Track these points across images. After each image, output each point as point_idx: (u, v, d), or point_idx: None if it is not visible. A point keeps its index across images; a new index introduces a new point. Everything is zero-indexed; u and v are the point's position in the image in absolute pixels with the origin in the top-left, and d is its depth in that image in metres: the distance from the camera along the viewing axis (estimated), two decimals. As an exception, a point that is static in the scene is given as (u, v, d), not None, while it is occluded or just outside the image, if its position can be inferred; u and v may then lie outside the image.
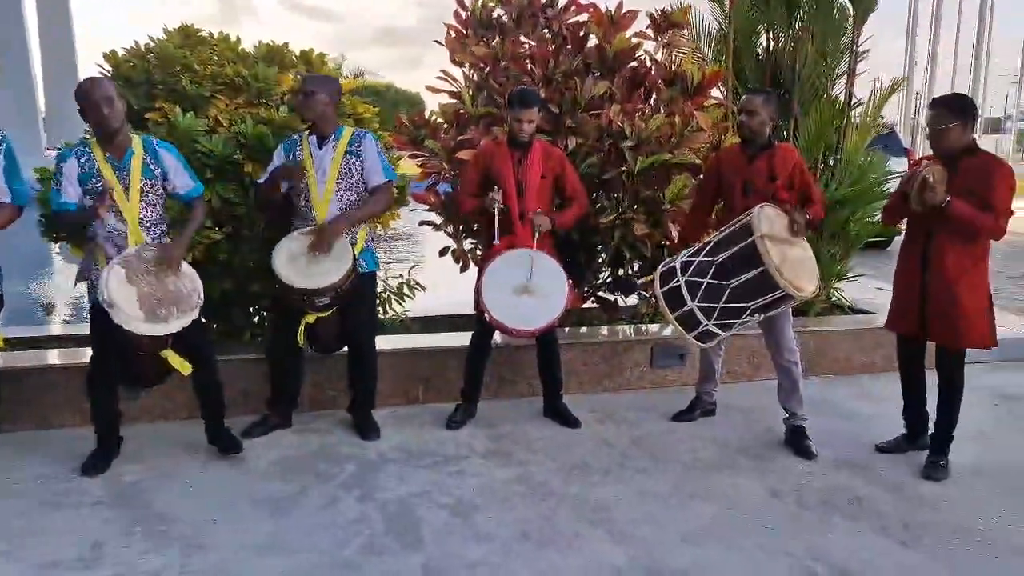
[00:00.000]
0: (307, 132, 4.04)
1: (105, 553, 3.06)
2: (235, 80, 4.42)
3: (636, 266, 5.46)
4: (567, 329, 5.17)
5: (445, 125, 5.29)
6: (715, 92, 5.65)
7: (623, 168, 4.71)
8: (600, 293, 5.60)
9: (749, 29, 5.79)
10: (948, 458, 3.81)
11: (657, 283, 3.94)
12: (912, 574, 2.99)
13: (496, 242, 4.11)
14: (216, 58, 4.59)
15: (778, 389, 4.20)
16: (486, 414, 4.50)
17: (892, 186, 6.00)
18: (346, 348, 4.23)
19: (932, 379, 3.94)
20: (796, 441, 4.07)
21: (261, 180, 4.03)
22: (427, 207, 5.26)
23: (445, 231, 5.39)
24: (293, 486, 3.61)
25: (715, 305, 3.78)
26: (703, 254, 3.86)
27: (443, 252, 5.38)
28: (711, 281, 3.78)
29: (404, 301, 5.65)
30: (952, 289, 3.62)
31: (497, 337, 4.61)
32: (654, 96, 5.14)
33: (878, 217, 6.16)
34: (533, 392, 4.79)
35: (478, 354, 4.42)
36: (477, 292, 4.11)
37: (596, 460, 3.95)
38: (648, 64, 5.08)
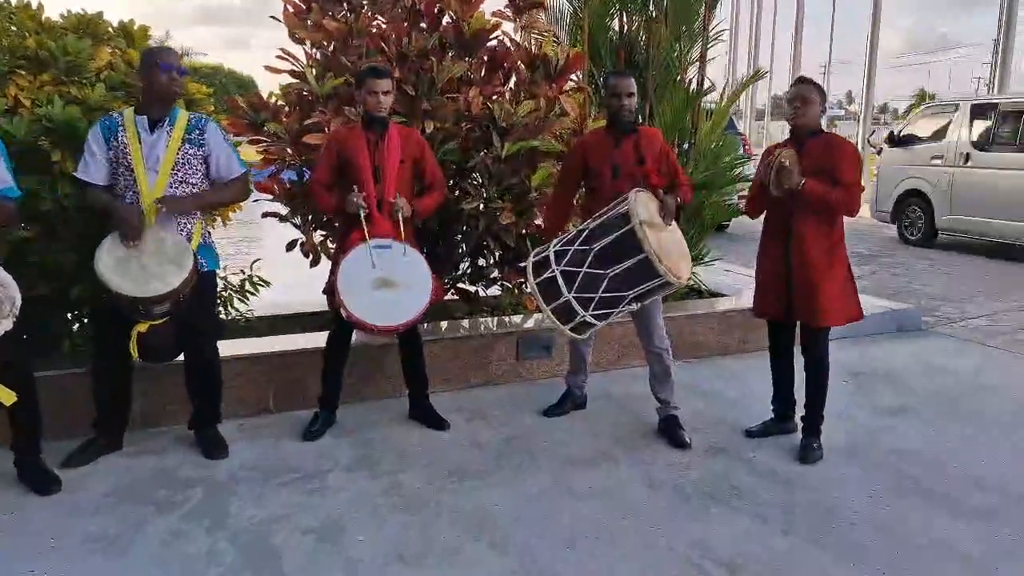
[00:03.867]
0: (131, 111, 3.54)
1: None
2: (39, 54, 3.82)
3: (496, 256, 5.26)
4: (427, 324, 4.90)
5: (287, 108, 4.88)
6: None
7: (488, 154, 4.49)
8: (460, 284, 5.38)
9: (603, 12, 5.70)
10: (820, 440, 3.86)
11: (530, 274, 3.75)
12: (794, 560, 2.96)
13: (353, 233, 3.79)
14: (15, 29, 3.96)
15: (650, 378, 4.13)
16: (347, 420, 4.17)
17: (743, 170, 6.17)
18: (182, 356, 3.77)
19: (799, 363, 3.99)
20: (670, 430, 4.01)
21: (83, 177, 3.50)
22: (271, 197, 4.84)
23: (292, 222, 4.99)
24: (129, 520, 3.14)
25: (593, 295, 3.64)
26: (578, 243, 3.70)
27: (291, 246, 4.97)
28: (588, 270, 3.62)
29: (247, 299, 5.19)
30: (814, 270, 3.68)
31: (355, 335, 4.28)
32: (513, 79, 4.96)
33: (732, 201, 6.32)
34: (396, 392, 4.50)
35: (336, 355, 4.08)
36: (333, 287, 3.76)
37: (470, 463, 3.73)
38: (507, 45, 4.87)
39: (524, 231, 4.88)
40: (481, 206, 4.55)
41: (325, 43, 4.94)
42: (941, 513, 3.31)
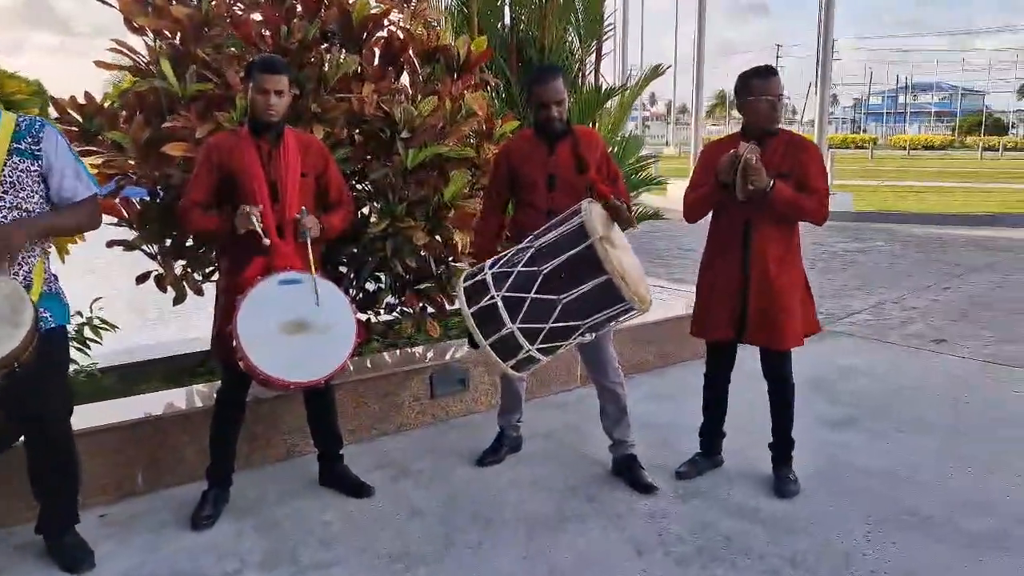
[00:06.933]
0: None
1: None
2: None
3: (389, 279, 4.56)
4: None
5: (125, 112, 3.99)
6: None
7: (390, 163, 3.81)
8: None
9: (492, 2, 5.16)
10: (793, 468, 3.51)
11: (463, 301, 3.13)
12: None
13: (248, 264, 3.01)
14: None
15: (601, 415, 3.63)
16: (242, 494, 3.36)
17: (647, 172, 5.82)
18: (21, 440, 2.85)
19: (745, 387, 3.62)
20: (631, 472, 3.52)
21: None
22: (115, 220, 3.93)
23: (144, 251, 4.07)
24: None
25: (542, 326, 3.05)
26: (521, 264, 3.11)
27: (142, 278, 4.07)
28: (537, 296, 3.04)
29: (89, 349, 4.21)
30: (776, 285, 3.29)
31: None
32: (405, 74, 4.31)
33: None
34: (293, 451, 3.75)
35: (229, 417, 3.26)
36: (227, 336, 2.95)
37: (415, 541, 3.05)
38: (400, 36, 4.21)
39: (438, 253, 4.24)
40: (388, 227, 3.85)
41: (168, 33, 4.08)
42: (951, 544, 3.02)
